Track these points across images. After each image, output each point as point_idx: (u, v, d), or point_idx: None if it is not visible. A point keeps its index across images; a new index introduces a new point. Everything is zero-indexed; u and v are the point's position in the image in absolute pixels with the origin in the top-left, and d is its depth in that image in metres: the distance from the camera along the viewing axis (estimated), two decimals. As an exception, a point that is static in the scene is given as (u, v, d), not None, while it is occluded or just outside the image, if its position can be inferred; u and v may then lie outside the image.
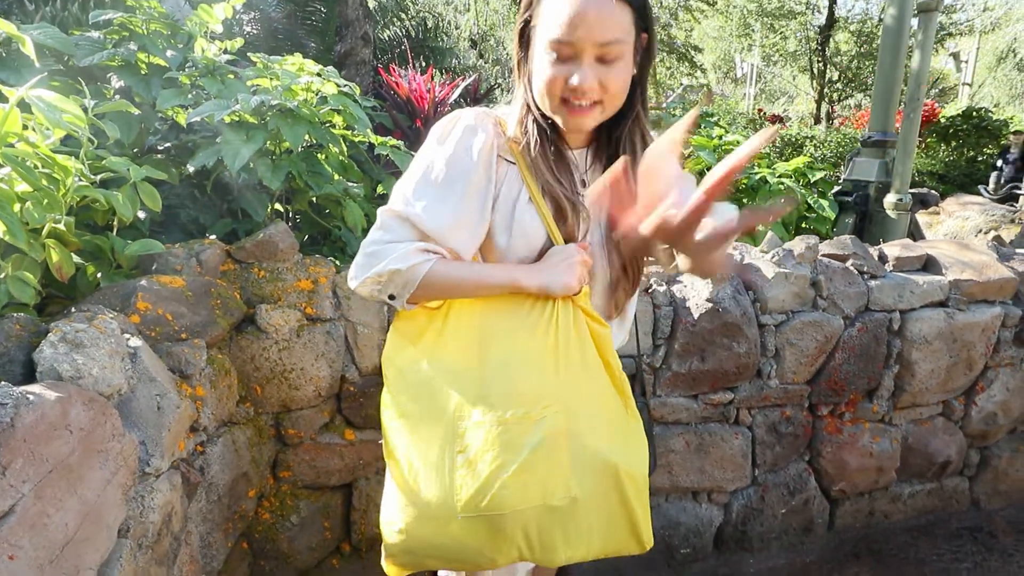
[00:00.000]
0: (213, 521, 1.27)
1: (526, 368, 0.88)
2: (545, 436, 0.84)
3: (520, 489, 0.83)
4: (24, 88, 0.97)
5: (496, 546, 0.86)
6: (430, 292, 0.91)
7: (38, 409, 0.77)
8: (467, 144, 0.93)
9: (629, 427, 0.96)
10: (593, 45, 0.86)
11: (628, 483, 0.89)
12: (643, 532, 0.93)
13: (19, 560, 0.67)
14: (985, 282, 2.13)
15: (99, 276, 1.46)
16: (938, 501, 2.33)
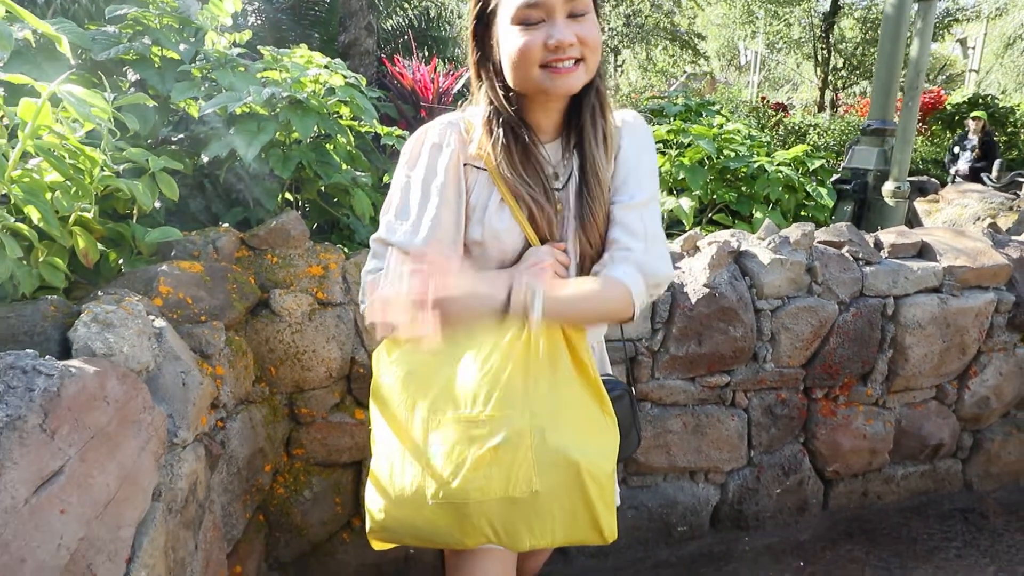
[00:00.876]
0: (233, 492, 1.34)
1: (496, 370, 0.93)
2: (509, 434, 0.90)
3: (483, 481, 0.90)
4: (55, 83, 1.03)
5: (464, 530, 0.93)
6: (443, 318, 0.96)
7: (80, 381, 0.84)
8: (434, 163, 0.99)
9: (599, 427, 0.99)
10: (562, 3, 0.90)
11: (589, 481, 0.93)
12: (604, 525, 0.98)
13: (69, 514, 0.74)
14: (979, 268, 2.18)
15: (120, 262, 1.53)
16: (931, 483, 2.39)
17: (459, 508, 0.91)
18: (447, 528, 0.93)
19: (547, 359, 0.95)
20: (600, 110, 1.01)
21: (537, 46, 0.91)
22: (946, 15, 11.90)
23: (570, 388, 0.97)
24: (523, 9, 0.89)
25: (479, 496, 0.89)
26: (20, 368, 0.77)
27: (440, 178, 0.98)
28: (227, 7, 2.01)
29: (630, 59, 12.43)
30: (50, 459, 0.75)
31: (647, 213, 1.03)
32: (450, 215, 0.99)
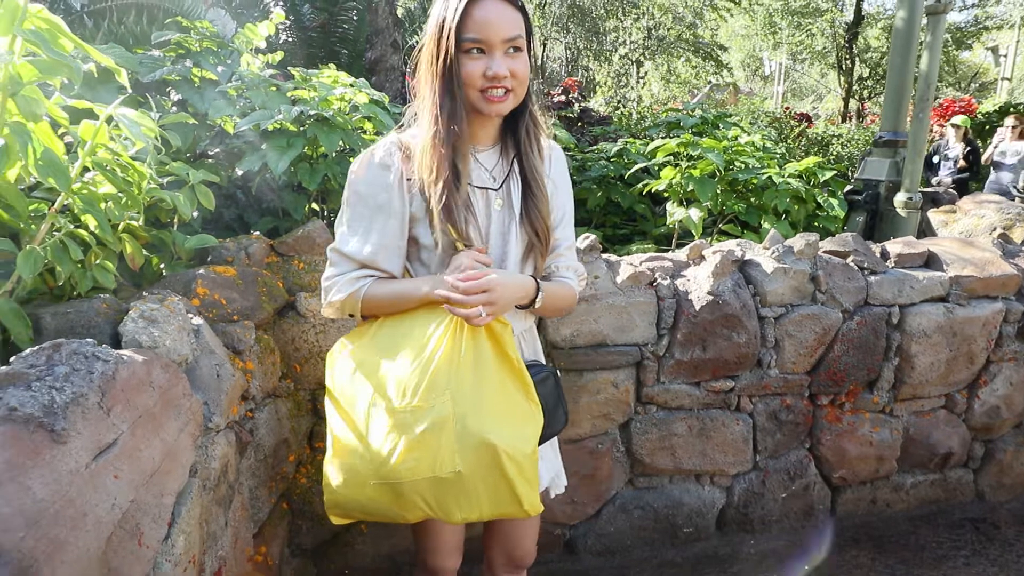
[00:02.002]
0: (259, 477, 1.46)
1: (423, 364, 1.08)
2: (433, 422, 1.04)
3: (412, 464, 1.04)
4: (112, 107, 1.17)
5: (402, 506, 1.08)
6: (371, 308, 1.15)
7: (131, 367, 0.95)
8: (380, 181, 1.14)
9: (521, 412, 1.12)
10: (501, 41, 1.08)
11: (507, 461, 1.05)
12: (525, 500, 1.09)
13: (121, 480, 0.85)
14: (986, 278, 2.21)
15: (161, 266, 1.67)
16: (942, 492, 2.41)
17: (395, 487, 1.05)
18: (387, 504, 1.08)
19: (471, 353, 1.09)
20: (534, 127, 1.22)
21: (478, 74, 1.09)
22: (975, 23, 11.74)
23: (493, 378, 1.10)
24: (469, 43, 1.07)
25: (410, 476, 1.04)
26: (82, 354, 0.89)
27: (385, 194, 1.13)
28: (261, 31, 2.17)
29: (652, 71, 12.50)
30: (106, 432, 0.86)
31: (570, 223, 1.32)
32: (395, 226, 1.15)
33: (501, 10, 1.08)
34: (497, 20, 1.07)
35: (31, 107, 1.00)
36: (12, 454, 0.73)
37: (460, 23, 1.06)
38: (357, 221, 1.15)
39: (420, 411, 1.05)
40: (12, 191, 1.04)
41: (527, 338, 1.33)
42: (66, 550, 0.72)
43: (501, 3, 1.08)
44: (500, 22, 1.07)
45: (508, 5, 1.09)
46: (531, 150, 1.21)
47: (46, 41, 0.94)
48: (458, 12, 1.06)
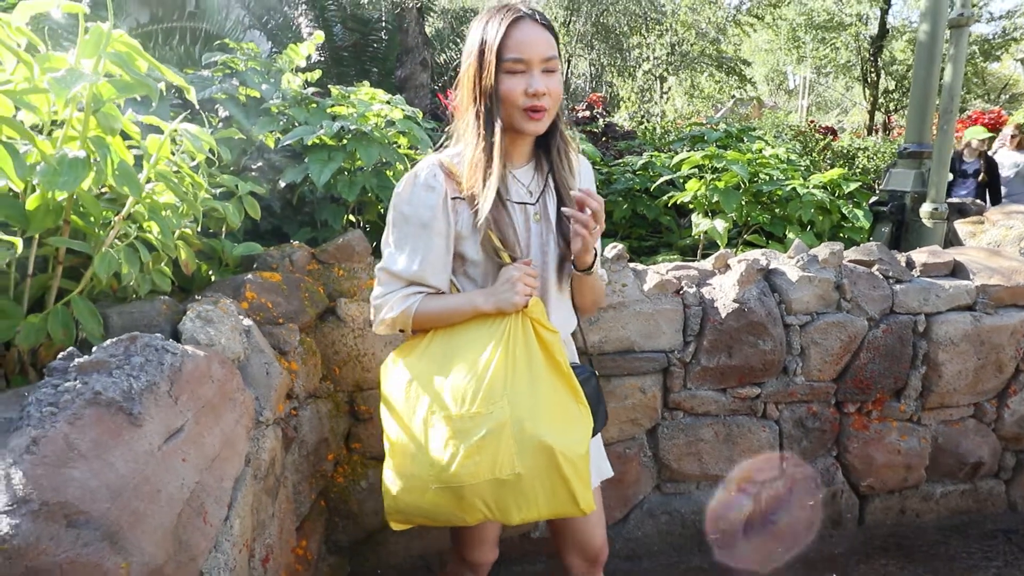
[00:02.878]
0: (302, 473, 1.53)
1: (480, 373, 1.13)
2: (491, 427, 1.09)
3: (472, 467, 1.09)
4: (176, 122, 1.26)
5: (463, 509, 1.12)
6: (422, 323, 1.21)
7: (194, 361, 1.04)
8: (424, 201, 1.20)
9: (573, 415, 1.17)
10: (540, 60, 1.15)
11: (564, 462, 1.10)
12: (580, 499, 1.13)
13: (188, 463, 0.92)
14: (1014, 287, 2.21)
15: (210, 272, 1.77)
16: (972, 503, 2.39)
17: (456, 491, 1.10)
18: (449, 508, 1.13)
19: (524, 361, 1.16)
20: (563, 143, 1.29)
21: (519, 91, 1.15)
22: (1003, 34, 11.60)
23: (545, 383, 1.16)
24: (511, 62, 1.14)
25: (471, 480, 1.09)
26: (153, 347, 0.98)
27: (429, 213, 1.19)
28: (302, 51, 2.28)
29: (676, 86, 12.56)
30: (174, 418, 0.94)
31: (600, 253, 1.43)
32: (440, 244, 1.20)
33: (538, 31, 1.15)
34: (536, 40, 1.14)
35: (109, 123, 1.10)
36: (97, 433, 0.81)
37: (502, 43, 1.14)
38: (404, 240, 1.21)
39: (479, 417, 1.10)
40: (88, 198, 1.14)
41: (568, 344, 1.40)
42: (145, 521, 0.79)
43: (537, 25, 1.16)
44: (538, 42, 1.15)
45: (543, 27, 1.17)
46: (562, 166, 1.28)
47: (127, 63, 1.04)
48: (500, 33, 1.14)
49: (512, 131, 1.21)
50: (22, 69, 1.13)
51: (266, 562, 1.23)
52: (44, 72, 1.09)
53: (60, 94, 1.00)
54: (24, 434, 0.73)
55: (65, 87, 1.01)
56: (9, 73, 1.11)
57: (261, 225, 2.29)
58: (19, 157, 1.05)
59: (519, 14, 1.15)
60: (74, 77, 1.03)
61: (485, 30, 1.17)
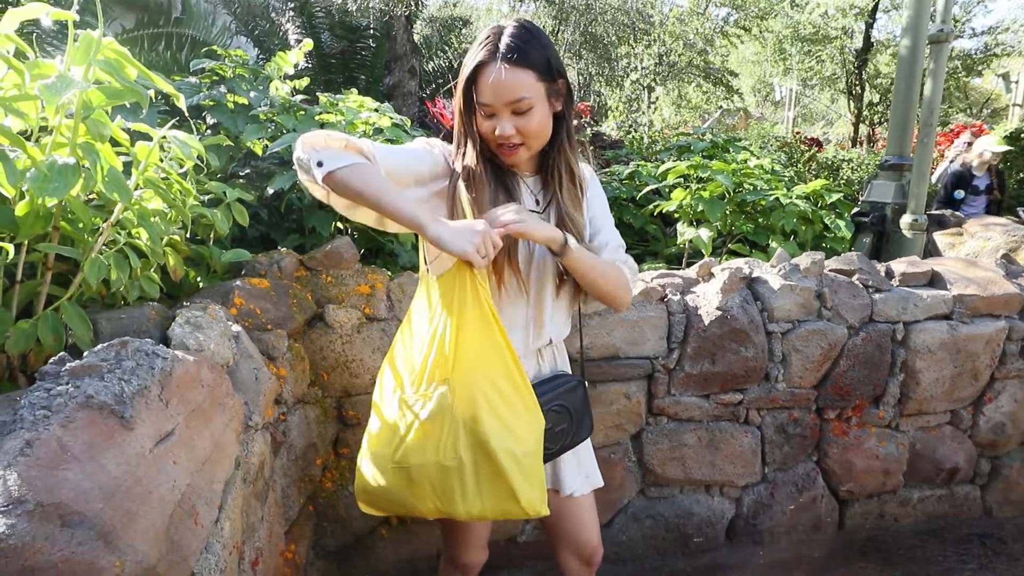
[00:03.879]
0: (290, 477, 1.54)
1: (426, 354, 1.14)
2: (434, 410, 1.10)
3: (419, 448, 1.11)
4: (164, 129, 1.28)
5: (414, 494, 1.13)
6: (352, 180, 1.04)
7: (184, 365, 1.05)
8: (425, 147, 1.24)
9: (520, 405, 1.15)
10: (505, 104, 1.14)
11: (505, 459, 1.09)
12: (522, 497, 1.11)
13: (179, 465, 0.94)
14: (989, 297, 2.27)
15: (198, 279, 1.77)
16: (949, 507, 2.44)
17: (406, 471, 1.12)
18: (403, 491, 1.14)
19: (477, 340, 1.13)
20: (565, 164, 1.28)
21: (489, 132, 1.18)
22: (985, 50, 11.86)
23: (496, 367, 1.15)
24: (479, 104, 1.17)
25: (417, 460, 1.11)
26: (144, 351, 0.99)
27: (428, 151, 1.22)
28: (291, 58, 2.30)
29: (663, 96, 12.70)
30: (165, 422, 0.95)
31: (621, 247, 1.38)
32: (406, 162, 1.18)
33: (506, 77, 1.12)
34: (500, 86, 1.13)
35: (99, 129, 1.12)
36: (90, 435, 0.82)
37: (469, 85, 1.16)
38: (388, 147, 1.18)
39: (425, 399, 1.12)
40: (78, 205, 1.15)
41: (560, 349, 1.42)
42: (137, 521, 0.81)
43: (508, 67, 1.12)
44: (503, 88, 1.13)
45: (515, 68, 1.12)
46: (562, 182, 1.28)
47: (117, 70, 1.06)
48: (466, 78, 1.16)
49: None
50: (11, 76, 1.14)
51: (256, 565, 1.24)
52: (34, 79, 1.11)
53: (50, 101, 1.01)
54: (18, 436, 0.74)
55: (55, 94, 1.02)
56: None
57: (249, 232, 2.30)
58: (10, 163, 1.06)
59: (485, 57, 1.13)
60: (64, 84, 1.04)
61: (464, 65, 1.18)
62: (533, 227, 1.14)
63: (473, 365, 1.13)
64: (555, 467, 1.39)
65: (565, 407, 1.32)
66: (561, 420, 1.31)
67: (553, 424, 1.28)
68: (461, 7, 10.82)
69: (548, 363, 1.39)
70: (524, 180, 1.29)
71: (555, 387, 1.32)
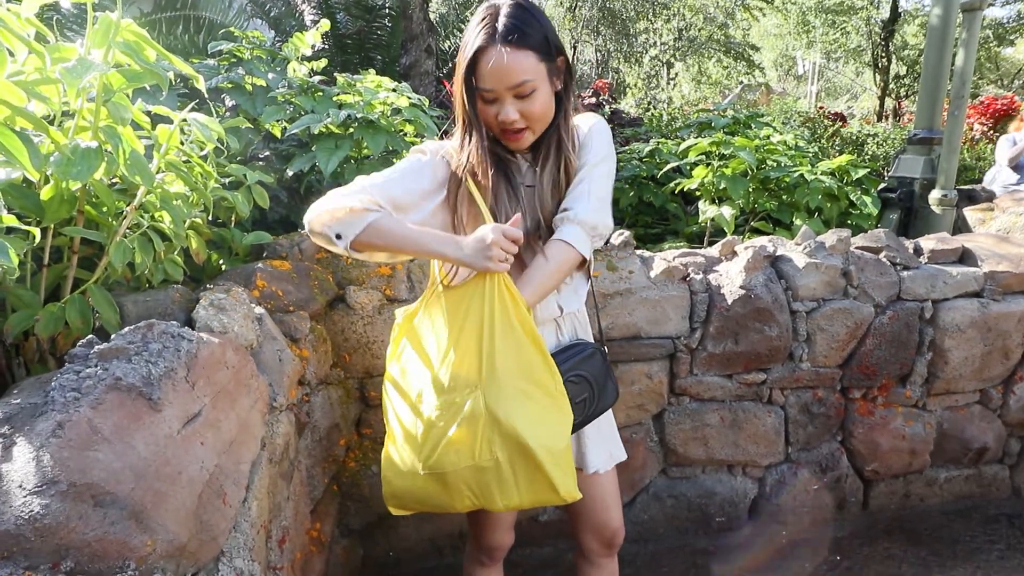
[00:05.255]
0: (315, 457, 1.56)
1: (458, 359, 1.13)
2: (466, 415, 1.09)
3: (453, 454, 1.10)
4: (185, 111, 1.28)
5: (450, 495, 1.14)
6: (372, 239, 1.07)
7: (210, 347, 1.06)
8: (419, 158, 1.20)
9: (550, 403, 1.15)
10: (506, 88, 1.11)
11: (541, 454, 1.10)
12: (561, 488, 1.12)
13: (206, 446, 0.95)
14: (1022, 274, 2.21)
15: (220, 261, 1.79)
16: (976, 487, 2.41)
17: (441, 477, 1.12)
18: (437, 494, 1.15)
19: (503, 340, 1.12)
20: (556, 144, 1.22)
21: (492, 118, 1.15)
22: (1018, 18, 11.44)
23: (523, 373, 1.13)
24: (481, 90, 1.13)
25: (453, 466, 1.11)
26: (170, 334, 1.00)
27: (422, 165, 1.19)
28: (308, 39, 2.28)
29: (683, 72, 12.45)
30: (192, 403, 0.96)
31: (594, 173, 1.23)
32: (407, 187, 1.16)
33: (506, 58, 1.09)
34: (501, 70, 1.09)
35: (120, 112, 1.12)
36: (119, 417, 0.83)
37: (469, 72, 1.12)
38: (388, 173, 1.17)
39: (456, 407, 1.11)
40: (102, 188, 1.16)
41: (579, 318, 1.37)
42: (168, 501, 0.82)
43: (508, 50, 1.09)
44: (504, 71, 1.09)
45: (515, 50, 1.09)
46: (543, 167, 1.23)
47: (136, 52, 1.05)
48: (466, 64, 1.12)
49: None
50: (33, 60, 1.14)
51: (282, 543, 1.26)
52: (55, 63, 1.11)
53: (71, 84, 1.01)
54: (49, 418, 0.76)
55: (76, 77, 1.02)
56: (20, 63, 1.12)
57: (269, 215, 2.31)
58: (34, 147, 1.07)
59: (484, 42, 1.10)
60: (85, 67, 1.04)
61: (463, 44, 1.14)
62: None
63: (505, 365, 1.12)
64: (579, 444, 1.37)
65: (583, 376, 1.29)
66: (581, 391, 1.28)
67: (573, 395, 1.26)
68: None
69: (568, 332, 1.35)
70: (526, 157, 1.26)
71: (570, 356, 1.29)
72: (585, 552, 1.45)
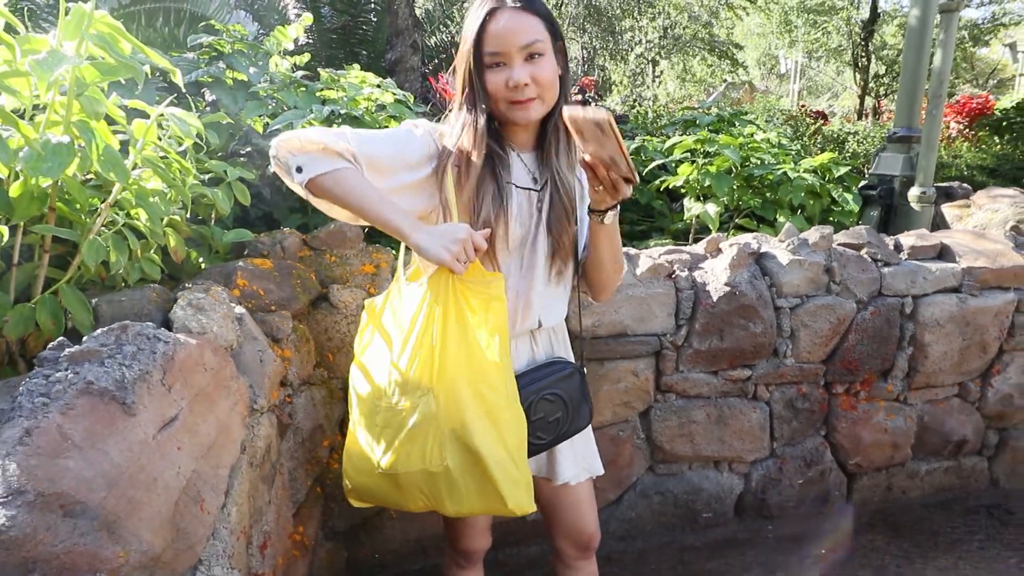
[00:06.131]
0: (297, 460, 1.53)
1: (410, 360, 1.11)
2: (419, 419, 1.08)
3: (404, 457, 1.10)
4: (162, 106, 1.24)
5: (403, 496, 1.14)
6: (332, 186, 1.04)
7: (187, 349, 1.03)
8: (411, 130, 1.17)
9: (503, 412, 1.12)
10: (518, 49, 1.09)
11: (493, 465, 1.08)
12: (509, 500, 1.10)
13: (183, 451, 0.92)
14: (999, 269, 2.24)
15: (200, 260, 1.75)
16: (956, 479, 2.44)
17: (394, 478, 1.12)
18: (392, 493, 1.15)
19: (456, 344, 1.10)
20: (565, 130, 1.17)
21: (501, 86, 1.11)
22: (992, 19, 11.61)
23: (478, 369, 1.11)
24: (489, 57, 1.11)
25: (404, 468, 1.10)
26: (145, 335, 0.97)
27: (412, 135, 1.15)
28: (290, 33, 2.25)
29: (668, 70, 12.50)
30: (168, 407, 0.94)
31: None
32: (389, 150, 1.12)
33: (517, 19, 1.10)
34: (511, 30, 1.09)
35: (93, 107, 1.08)
36: (90, 423, 0.81)
37: (479, 39, 1.10)
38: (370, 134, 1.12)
39: (407, 409, 1.10)
40: (74, 185, 1.12)
41: (557, 333, 1.35)
42: (142, 509, 0.79)
43: (518, 12, 1.10)
44: (515, 31, 1.09)
45: (525, 13, 1.10)
46: (557, 152, 1.21)
47: (111, 44, 1.02)
48: (475, 29, 1.10)
49: (508, 121, 1.18)
50: (2, 52, 1.10)
51: (264, 548, 1.23)
52: (25, 55, 1.07)
53: (42, 77, 0.98)
54: (17, 425, 0.73)
55: (47, 70, 0.98)
56: (-11, 57, 1.08)
57: (251, 212, 2.27)
58: (2, 142, 1.03)
59: (494, 4, 1.10)
60: (56, 59, 1.00)
61: (466, 23, 1.13)
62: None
63: (457, 370, 1.10)
64: (550, 456, 1.34)
65: (559, 395, 1.26)
66: (555, 409, 1.26)
67: (546, 413, 1.24)
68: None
69: (543, 347, 1.32)
70: (521, 156, 1.23)
71: (548, 374, 1.26)
72: (561, 556, 1.44)
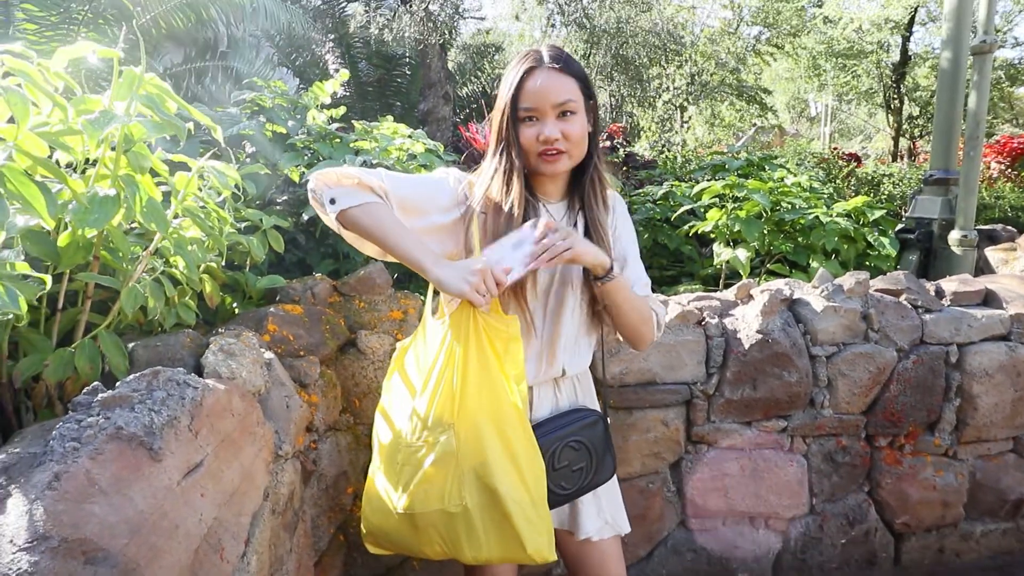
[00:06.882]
0: (320, 507, 1.52)
1: (431, 398, 1.12)
2: (438, 456, 1.09)
3: (422, 496, 1.10)
4: (203, 159, 1.30)
5: (420, 538, 1.13)
6: (363, 218, 1.09)
7: (215, 394, 1.04)
8: (444, 177, 1.24)
9: (523, 450, 1.12)
10: (552, 107, 1.15)
11: (512, 506, 1.07)
12: (529, 545, 1.08)
13: (206, 498, 0.93)
14: (1050, 317, 2.14)
15: (234, 305, 1.79)
16: (1015, 542, 2.29)
17: (411, 518, 1.11)
18: (409, 536, 1.14)
19: (477, 385, 1.11)
20: (599, 182, 1.27)
21: (532, 140, 1.17)
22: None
23: (499, 409, 1.11)
24: (524, 111, 1.17)
25: (422, 508, 1.10)
26: (175, 380, 0.99)
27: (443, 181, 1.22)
28: (328, 88, 2.35)
29: (696, 115, 12.60)
30: (194, 453, 0.95)
31: (648, 285, 1.34)
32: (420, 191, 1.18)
33: (553, 79, 1.16)
34: (547, 88, 1.15)
35: (139, 161, 1.14)
36: (117, 468, 0.82)
37: (515, 95, 1.16)
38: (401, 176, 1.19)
39: (427, 447, 1.11)
40: (117, 234, 1.17)
41: (581, 381, 1.36)
42: (163, 557, 0.79)
43: (554, 72, 1.16)
44: (550, 90, 1.15)
45: (561, 74, 1.16)
46: (595, 203, 1.26)
47: (158, 104, 1.08)
48: (513, 85, 1.16)
49: (537, 173, 1.22)
50: (58, 111, 1.18)
51: (283, 598, 1.22)
52: (79, 114, 1.14)
53: (93, 135, 1.04)
54: (47, 469, 0.74)
55: (98, 128, 1.04)
56: (46, 115, 1.15)
57: (287, 257, 2.33)
58: (51, 196, 1.08)
59: (532, 64, 1.16)
60: (107, 119, 1.07)
61: (505, 77, 1.20)
62: (582, 250, 1.14)
63: (478, 408, 1.11)
64: (572, 508, 1.32)
65: (583, 443, 1.25)
66: (579, 458, 1.25)
67: (570, 462, 1.23)
68: (494, 34, 10.99)
69: (567, 395, 1.32)
70: (547, 207, 1.26)
71: (572, 421, 1.26)
72: None
